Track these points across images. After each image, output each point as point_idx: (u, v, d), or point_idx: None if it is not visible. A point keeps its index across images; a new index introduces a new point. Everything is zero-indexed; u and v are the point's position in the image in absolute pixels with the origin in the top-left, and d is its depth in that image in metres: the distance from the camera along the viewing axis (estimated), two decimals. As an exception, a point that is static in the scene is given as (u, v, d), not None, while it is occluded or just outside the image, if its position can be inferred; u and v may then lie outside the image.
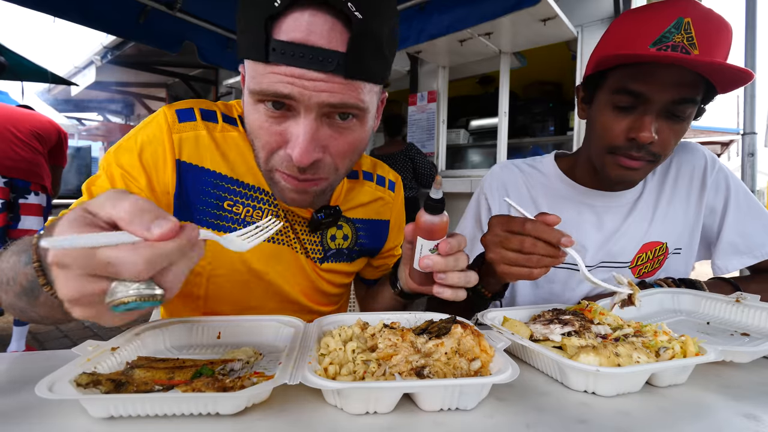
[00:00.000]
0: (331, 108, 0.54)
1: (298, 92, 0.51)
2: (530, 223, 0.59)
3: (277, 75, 0.51)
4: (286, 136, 0.56)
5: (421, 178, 3.59)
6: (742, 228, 0.87)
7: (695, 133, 11.50)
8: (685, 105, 0.70)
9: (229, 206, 0.67)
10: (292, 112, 0.55)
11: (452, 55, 3.71)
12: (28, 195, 2.51)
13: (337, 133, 0.57)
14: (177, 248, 0.35)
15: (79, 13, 2.17)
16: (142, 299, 0.34)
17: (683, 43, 0.66)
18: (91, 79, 5.62)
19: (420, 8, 2.46)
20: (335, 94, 0.52)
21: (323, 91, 0.52)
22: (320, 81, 0.51)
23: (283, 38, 0.50)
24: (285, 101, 0.53)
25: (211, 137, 0.66)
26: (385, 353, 0.49)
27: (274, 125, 0.56)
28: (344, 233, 0.78)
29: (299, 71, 0.51)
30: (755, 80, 1.86)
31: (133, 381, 0.46)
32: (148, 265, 0.33)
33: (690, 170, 0.90)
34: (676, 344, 0.52)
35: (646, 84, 0.69)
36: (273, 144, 0.57)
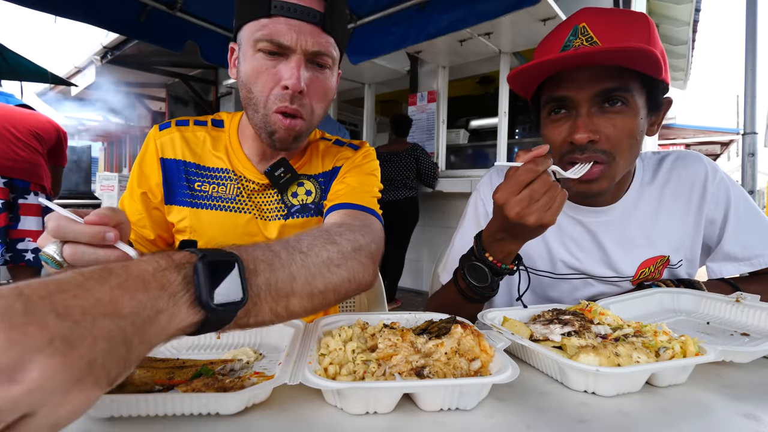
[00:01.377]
0: (312, 55, 0.71)
1: (292, 39, 0.69)
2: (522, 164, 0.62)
3: (277, 26, 0.68)
4: (279, 75, 0.71)
5: (424, 177, 3.61)
6: (741, 239, 0.86)
7: (695, 133, 11.50)
8: (615, 95, 0.70)
9: (198, 186, 0.83)
10: (283, 57, 0.71)
11: (452, 55, 3.71)
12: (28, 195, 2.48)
13: (315, 77, 0.73)
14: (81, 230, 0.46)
15: (81, 11, 2.17)
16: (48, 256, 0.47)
17: (584, 44, 0.69)
18: (91, 79, 5.62)
19: (420, 8, 2.46)
20: (317, 43, 0.70)
21: (309, 38, 0.69)
22: (307, 33, 0.69)
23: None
24: (279, 48, 0.69)
25: (182, 136, 0.83)
26: (385, 353, 0.49)
27: (270, 68, 0.71)
28: (306, 189, 0.86)
29: (294, 21, 0.69)
30: (756, 80, 1.86)
31: (133, 381, 0.46)
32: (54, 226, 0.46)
33: (690, 182, 0.88)
34: (676, 344, 0.52)
35: (565, 88, 0.72)
36: (270, 83, 0.71)
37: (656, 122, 0.78)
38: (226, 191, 0.82)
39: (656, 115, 0.77)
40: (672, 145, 11.97)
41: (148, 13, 2.40)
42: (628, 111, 0.71)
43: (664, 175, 0.89)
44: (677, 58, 5.77)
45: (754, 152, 1.85)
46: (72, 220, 0.47)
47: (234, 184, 0.83)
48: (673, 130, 10.96)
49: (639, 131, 0.73)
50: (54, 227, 0.46)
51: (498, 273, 0.71)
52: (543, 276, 0.92)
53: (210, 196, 0.82)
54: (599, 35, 0.69)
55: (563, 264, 0.90)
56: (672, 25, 4.85)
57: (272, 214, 0.84)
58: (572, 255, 0.89)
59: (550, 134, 0.76)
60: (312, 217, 0.85)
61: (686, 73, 6.39)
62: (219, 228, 0.82)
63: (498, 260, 0.70)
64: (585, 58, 0.66)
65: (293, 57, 0.70)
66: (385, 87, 5.00)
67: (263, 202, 0.84)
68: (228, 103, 6.51)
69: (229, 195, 0.82)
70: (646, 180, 0.89)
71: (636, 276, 0.88)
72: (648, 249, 0.87)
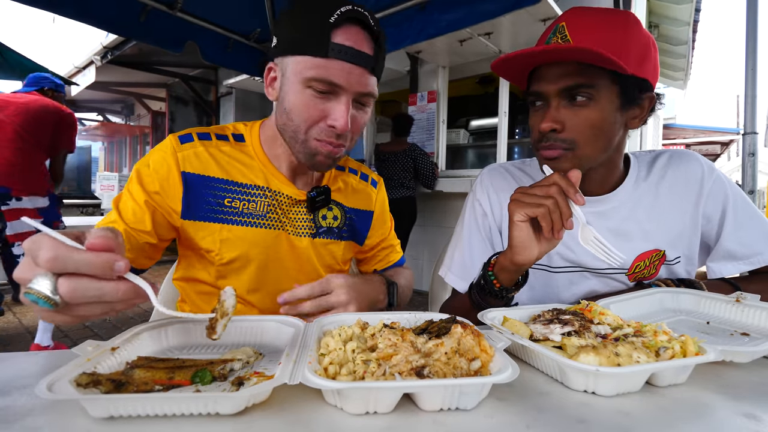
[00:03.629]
0: (360, 95, 0.76)
1: (346, 81, 0.73)
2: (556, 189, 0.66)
3: (333, 68, 0.72)
4: (327, 112, 0.75)
5: (422, 178, 3.61)
6: (739, 237, 0.86)
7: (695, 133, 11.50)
8: (580, 90, 0.74)
9: (228, 202, 0.83)
10: (333, 95, 0.74)
11: (452, 55, 3.71)
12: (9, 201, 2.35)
13: (357, 116, 0.78)
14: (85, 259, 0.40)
15: (80, 10, 2.16)
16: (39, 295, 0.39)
17: (558, 42, 0.74)
18: (91, 79, 5.63)
19: (420, 8, 2.46)
20: (366, 85, 0.75)
21: (360, 82, 0.74)
22: (358, 75, 0.74)
23: (338, 41, 0.71)
24: (333, 88, 0.73)
25: (207, 152, 0.83)
26: (385, 353, 0.49)
27: (319, 104, 0.74)
28: (334, 214, 0.94)
29: (348, 65, 0.72)
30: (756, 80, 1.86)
31: (133, 381, 0.46)
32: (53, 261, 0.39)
33: (686, 179, 0.89)
34: (676, 344, 0.52)
35: (538, 83, 0.78)
36: (315, 118, 0.75)
37: (638, 116, 0.80)
38: (256, 208, 0.84)
39: (636, 108, 0.79)
40: (672, 145, 11.97)
41: (147, 14, 2.39)
42: (592, 105, 0.74)
43: (659, 171, 0.90)
44: (677, 58, 5.77)
45: (755, 152, 1.85)
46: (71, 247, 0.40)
47: (264, 201, 0.85)
48: (673, 130, 10.96)
49: (607, 123, 0.76)
50: (51, 257, 0.39)
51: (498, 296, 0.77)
52: (538, 269, 0.93)
53: (240, 212, 0.83)
54: (573, 34, 0.73)
55: (559, 256, 0.90)
56: (672, 25, 4.85)
57: (303, 231, 0.90)
58: (567, 246, 0.89)
59: (530, 123, 0.83)
60: (334, 240, 0.95)
61: (686, 73, 6.39)
62: (249, 243, 0.84)
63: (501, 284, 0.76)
64: (546, 56, 0.73)
65: (343, 98, 0.74)
66: (385, 87, 5.01)
67: (295, 219, 0.89)
68: (228, 103, 6.51)
69: (260, 211, 0.84)
70: (641, 175, 0.90)
71: (631, 269, 0.88)
72: (643, 242, 0.87)
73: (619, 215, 0.87)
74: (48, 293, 0.39)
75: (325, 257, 0.95)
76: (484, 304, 0.77)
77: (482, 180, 0.99)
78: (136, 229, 0.77)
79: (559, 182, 0.65)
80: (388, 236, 1.09)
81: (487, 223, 0.96)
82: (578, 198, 0.64)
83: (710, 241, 0.90)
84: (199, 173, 0.80)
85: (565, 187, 0.65)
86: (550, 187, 0.66)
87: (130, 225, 0.77)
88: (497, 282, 0.75)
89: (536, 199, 0.66)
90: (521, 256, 0.69)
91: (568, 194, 0.65)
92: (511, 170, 0.98)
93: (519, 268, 0.72)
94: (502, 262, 0.74)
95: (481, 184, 0.98)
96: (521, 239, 0.68)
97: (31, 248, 0.40)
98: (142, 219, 0.77)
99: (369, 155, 4.36)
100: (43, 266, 0.39)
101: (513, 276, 0.74)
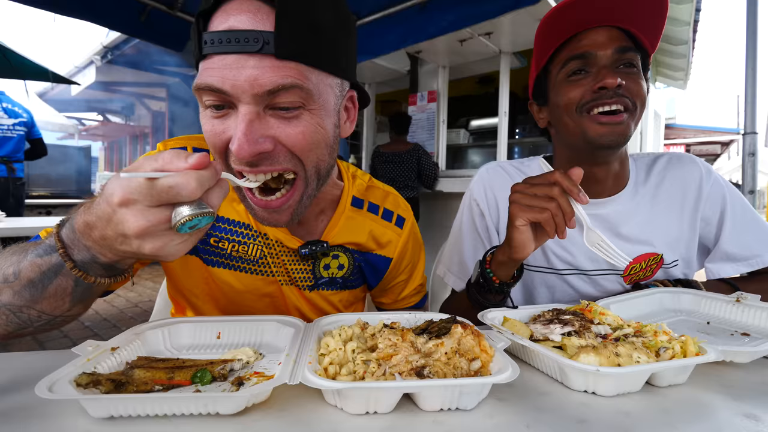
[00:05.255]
0: (268, 95, 0.51)
1: (230, 85, 0.50)
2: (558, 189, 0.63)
3: (210, 69, 0.51)
4: (228, 134, 0.54)
5: (425, 178, 3.61)
6: (738, 239, 0.86)
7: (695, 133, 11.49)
8: (629, 53, 0.76)
9: (215, 242, 0.71)
10: (233, 110, 0.54)
11: (452, 55, 3.71)
12: None
13: (284, 123, 0.54)
14: (212, 173, 0.43)
15: (82, 9, 2.16)
16: (201, 215, 0.42)
17: None
18: (91, 79, 5.63)
19: (420, 8, 2.46)
20: (267, 77, 0.50)
21: (254, 77, 0.50)
22: (251, 68, 0.50)
23: (214, 28, 0.51)
24: (222, 98, 0.52)
25: None
26: (385, 353, 0.49)
27: (218, 126, 0.55)
28: (340, 263, 0.77)
29: (231, 58, 0.50)
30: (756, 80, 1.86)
31: (133, 381, 0.46)
32: (198, 184, 0.41)
33: (685, 182, 0.89)
34: (676, 344, 0.52)
35: (587, 45, 0.76)
36: (220, 146, 0.55)
37: None
38: (248, 251, 0.71)
39: None
40: (673, 145, 11.97)
41: (148, 13, 2.39)
42: (637, 73, 0.77)
43: (657, 175, 0.90)
44: (677, 58, 5.77)
45: (755, 152, 1.85)
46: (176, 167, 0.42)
47: (256, 244, 0.71)
48: (673, 130, 10.95)
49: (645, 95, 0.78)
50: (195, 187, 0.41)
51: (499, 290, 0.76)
52: (536, 272, 0.93)
53: (229, 255, 0.71)
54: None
55: (557, 258, 0.91)
56: (672, 25, 4.84)
57: (300, 283, 0.76)
58: (565, 249, 0.89)
59: (569, 92, 0.78)
60: (337, 291, 0.80)
61: (686, 73, 6.38)
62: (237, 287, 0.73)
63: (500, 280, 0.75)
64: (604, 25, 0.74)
65: (239, 108, 0.52)
66: (386, 87, 5.00)
67: (292, 269, 0.75)
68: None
69: (252, 256, 0.71)
70: (640, 179, 0.90)
71: (627, 271, 0.88)
72: (641, 245, 0.87)
73: (616, 219, 0.87)
74: (206, 210, 0.42)
75: (323, 308, 0.81)
76: (484, 301, 0.77)
77: (480, 179, 0.98)
78: None
79: (561, 181, 0.63)
80: (414, 277, 0.89)
81: (484, 222, 0.96)
82: (582, 197, 0.62)
83: (709, 243, 0.90)
84: None
85: (568, 186, 0.62)
86: (552, 187, 0.63)
87: None
88: (496, 278, 0.75)
89: (538, 202, 0.64)
90: (520, 254, 0.69)
91: (571, 194, 0.63)
92: (509, 170, 0.97)
93: (517, 262, 0.73)
94: (499, 257, 0.74)
95: (478, 184, 0.98)
96: (521, 240, 0.68)
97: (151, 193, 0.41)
98: None
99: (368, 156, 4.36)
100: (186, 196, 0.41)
101: (510, 270, 0.75)
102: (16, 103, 3.37)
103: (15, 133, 3.28)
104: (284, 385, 0.43)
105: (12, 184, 3.30)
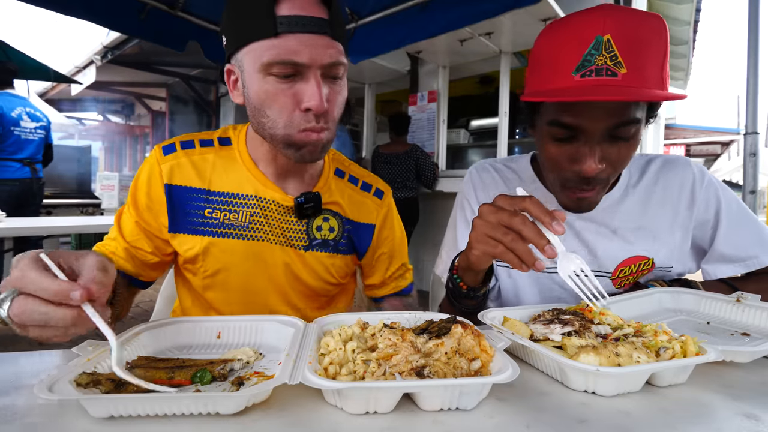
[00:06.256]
0: (328, 67, 0.67)
1: (306, 55, 0.65)
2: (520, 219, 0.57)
3: (288, 44, 0.64)
4: (299, 97, 0.67)
5: (424, 179, 3.61)
6: (734, 241, 0.85)
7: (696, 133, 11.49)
8: (627, 127, 0.67)
9: (209, 213, 0.79)
10: (298, 76, 0.67)
11: (452, 55, 3.71)
12: None
13: (332, 91, 0.71)
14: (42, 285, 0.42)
15: (82, 8, 2.16)
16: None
17: (606, 64, 0.61)
18: (91, 79, 5.62)
19: (421, 7, 2.46)
20: (330, 53, 0.67)
21: (323, 51, 0.66)
22: (320, 46, 0.65)
23: (284, 13, 0.64)
24: (294, 68, 0.66)
25: (190, 161, 0.79)
26: (385, 353, 0.49)
27: (287, 90, 0.67)
28: (330, 225, 0.85)
29: (303, 36, 0.64)
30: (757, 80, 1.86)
31: (133, 381, 0.46)
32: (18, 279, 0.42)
33: (678, 187, 0.87)
34: (676, 344, 0.52)
35: (578, 116, 0.66)
36: (290, 106, 0.68)
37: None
38: (238, 218, 0.79)
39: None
40: (672, 145, 11.96)
41: (147, 12, 2.39)
42: (634, 138, 0.69)
43: (651, 177, 0.89)
44: (678, 58, 5.77)
45: (756, 152, 1.85)
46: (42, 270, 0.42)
47: (247, 210, 0.79)
48: (673, 130, 10.95)
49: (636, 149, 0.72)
50: (17, 277, 0.42)
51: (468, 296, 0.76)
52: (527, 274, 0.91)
53: (221, 224, 0.79)
54: (623, 53, 0.61)
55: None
56: (672, 25, 4.85)
57: (295, 242, 0.82)
58: None
59: (552, 154, 0.72)
60: (330, 254, 0.86)
61: (686, 73, 6.39)
62: (229, 255, 0.79)
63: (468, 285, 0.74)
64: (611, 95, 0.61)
65: (310, 75, 0.66)
66: (386, 87, 5.00)
67: (287, 229, 0.82)
68: (228, 102, 6.51)
69: (241, 222, 0.79)
70: (632, 182, 0.89)
71: (615, 273, 0.87)
72: (630, 247, 0.86)
73: (604, 220, 0.86)
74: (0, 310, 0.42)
75: (318, 271, 0.86)
76: (459, 305, 0.77)
77: (470, 178, 0.98)
78: (136, 247, 0.79)
79: (530, 209, 0.57)
80: (396, 255, 0.96)
81: None
82: (556, 227, 0.55)
83: (704, 245, 0.89)
84: (181, 184, 0.78)
85: (537, 215, 0.56)
86: (513, 217, 0.57)
87: (131, 243, 0.79)
88: (463, 284, 0.74)
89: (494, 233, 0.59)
90: (476, 267, 0.68)
91: (543, 224, 0.56)
92: (499, 168, 0.97)
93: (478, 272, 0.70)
94: (461, 264, 0.72)
95: (468, 183, 0.97)
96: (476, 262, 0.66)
97: (16, 263, 0.43)
98: (139, 239, 0.79)
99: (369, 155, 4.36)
100: (9, 281, 0.42)
101: (476, 276, 0.72)
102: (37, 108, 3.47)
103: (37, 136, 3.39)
104: (284, 385, 0.43)
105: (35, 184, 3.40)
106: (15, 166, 3.25)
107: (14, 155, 3.24)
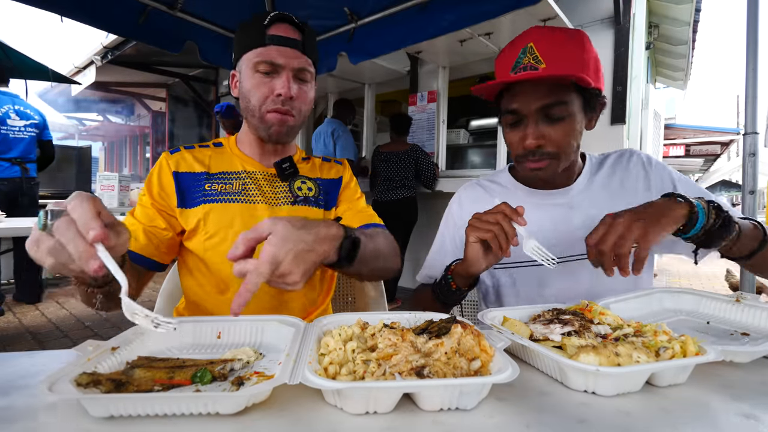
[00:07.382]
0: (297, 71, 0.93)
1: (284, 60, 0.91)
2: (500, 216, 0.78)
3: (271, 51, 0.91)
4: (274, 86, 0.92)
5: (424, 179, 3.61)
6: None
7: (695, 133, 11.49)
8: (556, 107, 0.85)
9: (208, 187, 0.98)
10: (275, 74, 0.92)
11: (452, 55, 3.71)
12: None
13: (300, 88, 0.94)
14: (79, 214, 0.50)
15: (80, 11, 2.16)
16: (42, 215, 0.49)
17: (531, 62, 0.84)
18: (91, 79, 5.62)
19: (421, 8, 2.46)
20: (300, 62, 0.93)
21: (294, 59, 0.92)
22: (292, 56, 0.92)
23: (272, 33, 0.92)
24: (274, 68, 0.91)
25: (192, 155, 1.01)
26: (385, 353, 0.49)
27: (266, 82, 0.92)
28: (308, 186, 1.05)
29: (282, 48, 0.91)
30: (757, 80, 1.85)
31: (133, 381, 0.46)
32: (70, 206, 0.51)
33: (633, 173, 0.99)
34: (676, 344, 0.52)
35: (515, 101, 0.88)
36: (266, 92, 0.92)
37: (593, 118, 0.93)
38: (232, 188, 0.99)
39: (592, 113, 0.92)
40: (672, 145, 11.97)
41: (147, 14, 2.39)
42: (567, 118, 0.86)
43: (608, 169, 1.02)
44: (677, 58, 5.77)
45: (755, 152, 1.85)
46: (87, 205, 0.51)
47: (239, 181, 1.00)
48: (673, 130, 10.95)
49: (577, 131, 0.90)
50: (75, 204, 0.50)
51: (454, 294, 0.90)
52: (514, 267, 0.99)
53: (219, 192, 0.98)
54: (543, 54, 0.83)
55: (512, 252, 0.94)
56: (672, 25, 4.85)
57: (282, 200, 1.00)
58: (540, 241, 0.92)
59: (508, 138, 0.94)
60: (313, 207, 1.03)
61: (686, 73, 6.38)
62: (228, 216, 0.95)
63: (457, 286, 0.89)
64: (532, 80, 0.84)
65: (283, 73, 0.92)
66: (386, 87, 4.99)
67: (274, 191, 1.01)
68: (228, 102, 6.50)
69: (235, 189, 0.98)
70: (593, 170, 1.02)
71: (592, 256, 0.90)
72: None
73: (582, 202, 0.98)
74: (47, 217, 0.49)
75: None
76: (443, 298, 0.91)
77: (458, 196, 1.13)
78: (152, 226, 0.92)
79: (505, 210, 0.78)
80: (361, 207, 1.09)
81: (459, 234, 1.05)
82: (520, 221, 0.78)
83: None
84: (186, 171, 0.98)
85: (510, 213, 0.77)
86: (497, 214, 0.78)
87: (147, 225, 0.92)
88: (454, 284, 0.89)
89: (486, 225, 0.78)
90: (473, 268, 0.82)
91: (513, 219, 0.77)
92: (483, 183, 1.11)
93: (471, 276, 0.86)
94: (458, 269, 0.88)
95: (455, 201, 1.12)
96: (473, 255, 0.81)
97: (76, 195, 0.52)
98: (154, 218, 0.93)
99: (369, 155, 4.36)
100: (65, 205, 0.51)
101: (465, 281, 0.88)
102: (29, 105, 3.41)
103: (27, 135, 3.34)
104: (284, 385, 0.43)
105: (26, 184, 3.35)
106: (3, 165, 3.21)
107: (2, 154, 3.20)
